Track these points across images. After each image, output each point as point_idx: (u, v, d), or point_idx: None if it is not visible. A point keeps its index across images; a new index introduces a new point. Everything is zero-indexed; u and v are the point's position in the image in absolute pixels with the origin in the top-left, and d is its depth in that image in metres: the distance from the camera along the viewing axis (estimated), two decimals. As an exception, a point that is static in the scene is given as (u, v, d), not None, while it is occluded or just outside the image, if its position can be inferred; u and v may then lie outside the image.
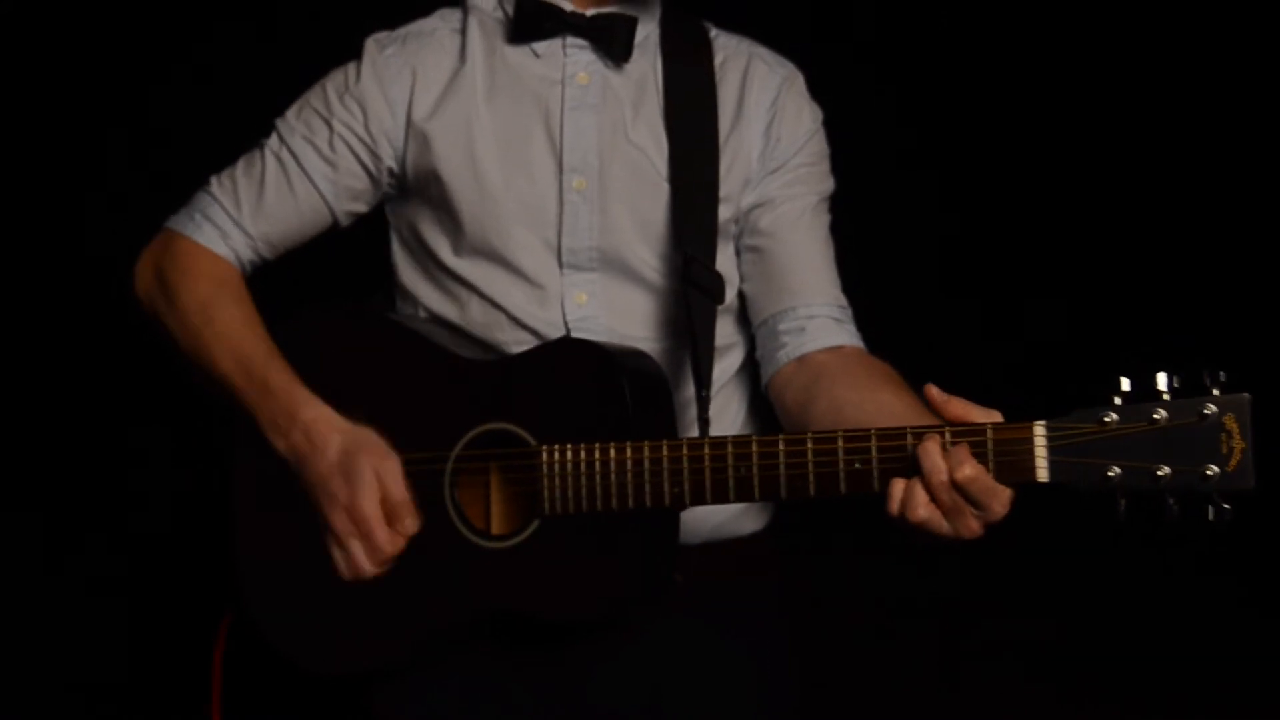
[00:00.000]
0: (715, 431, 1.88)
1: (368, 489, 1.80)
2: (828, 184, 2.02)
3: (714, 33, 2.05)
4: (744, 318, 2.01)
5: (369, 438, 1.82)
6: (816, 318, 1.93)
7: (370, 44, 2.01)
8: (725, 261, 1.97)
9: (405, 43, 2.00)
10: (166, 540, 3.12)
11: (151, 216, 2.07)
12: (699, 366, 1.87)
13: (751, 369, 2.02)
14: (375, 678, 1.92)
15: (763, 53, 2.04)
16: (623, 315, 1.93)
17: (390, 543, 1.81)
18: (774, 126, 1.98)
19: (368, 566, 1.81)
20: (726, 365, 1.98)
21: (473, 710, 1.89)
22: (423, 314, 2.00)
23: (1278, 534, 3.50)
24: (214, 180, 2.01)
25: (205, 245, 1.98)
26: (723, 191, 1.94)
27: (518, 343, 1.92)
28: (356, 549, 1.81)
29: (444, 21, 2.02)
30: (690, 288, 1.89)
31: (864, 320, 1.98)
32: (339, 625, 1.89)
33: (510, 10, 1.99)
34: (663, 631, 1.90)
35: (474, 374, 1.86)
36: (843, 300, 1.97)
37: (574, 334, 1.91)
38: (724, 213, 1.94)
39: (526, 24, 1.96)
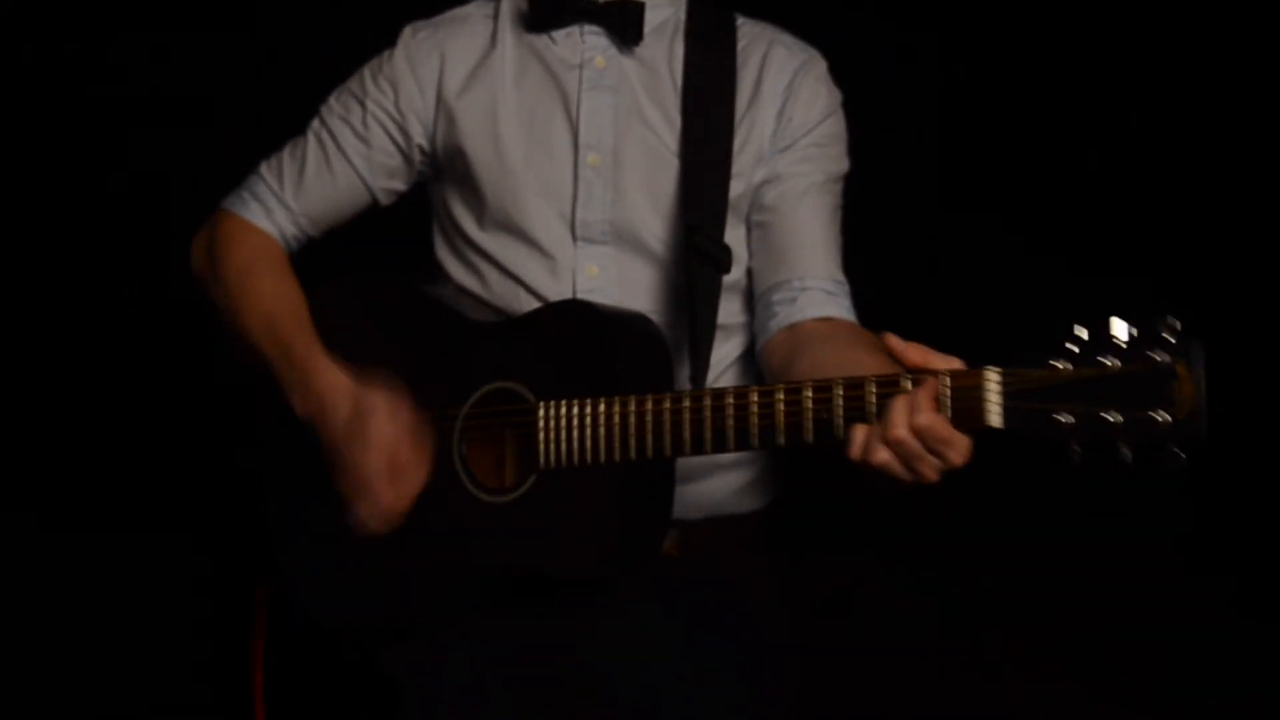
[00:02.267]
0: None
1: (373, 450, 1.88)
2: (840, 165, 2.06)
3: (740, 21, 2.11)
4: (751, 297, 2.06)
5: (377, 400, 1.91)
6: (810, 290, 1.97)
7: (406, 30, 2.13)
8: (737, 239, 2.02)
9: (438, 27, 2.12)
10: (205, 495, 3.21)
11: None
12: (697, 333, 1.93)
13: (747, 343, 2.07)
14: (390, 634, 2.00)
15: (784, 38, 2.10)
16: (630, 289, 2.00)
17: (396, 500, 1.89)
18: (787, 107, 2.03)
19: (374, 524, 1.90)
20: (734, 345, 2.04)
21: (475, 672, 1.95)
22: (451, 288, 2.09)
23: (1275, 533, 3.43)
24: (264, 163, 2.15)
25: (251, 220, 2.11)
26: (735, 168, 2.00)
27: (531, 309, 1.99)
28: (363, 508, 1.90)
29: (478, 9, 2.14)
30: (693, 256, 1.95)
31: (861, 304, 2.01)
32: (357, 580, 1.98)
33: (530, 2, 2.08)
34: (661, 600, 1.95)
35: (483, 336, 1.95)
36: (839, 276, 2.00)
37: None
38: (736, 188, 2.00)
39: (544, 14, 2.06)
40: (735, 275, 2.01)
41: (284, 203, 2.11)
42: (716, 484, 2.00)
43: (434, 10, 2.17)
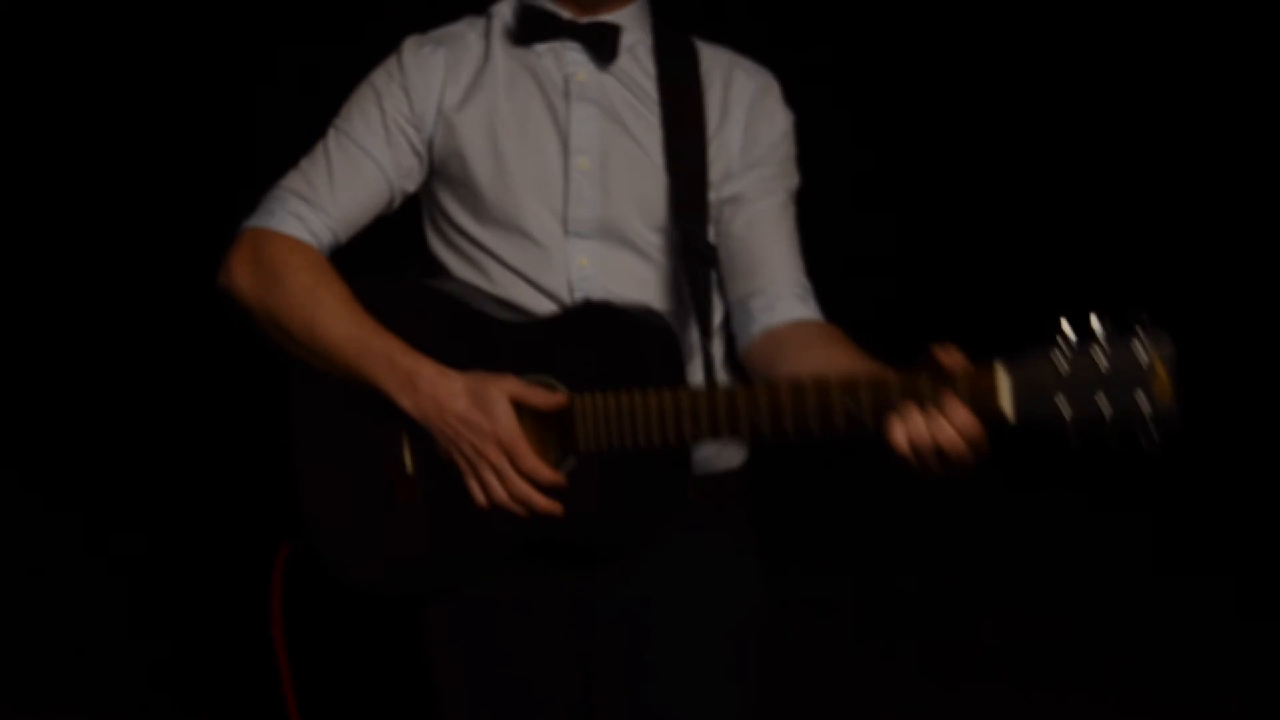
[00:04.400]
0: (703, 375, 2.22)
1: (504, 412, 2.07)
2: (795, 180, 2.34)
3: (699, 44, 2.36)
4: (720, 286, 2.31)
5: (484, 375, 2.10)
6: (783, 297, 2.25)
7: (409, 42, 2.30)
8: (711, 239, 2.29)
9: (440, 43, 2.30)
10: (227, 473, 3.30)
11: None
12: (704, 321, 2.20)
13: (726, 330, 2.33)
14: (422, 597, 2.23)
15: (742, 61, 2.35)
16: (619, 278, 2.24)
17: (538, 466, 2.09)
18: (751, 126, 2.28)
19: (545, 470, 2.08)
20: (713, 323, 2.30)
21: (496, 620, 2.22)
22: (454, 282, 2.29)
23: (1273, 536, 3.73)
24: (281, 182, 2.26)
25: (290, 234, 2.21)
26: (710, 178, 2.26)
27: (532, 300, 2.23)
28: (524, 463, 2.08)
29: (470, 27, 2.33)
30: (692, 257, 2.22)
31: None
32: (390, 546, 2.19)
33: (517, 17, 2.29)
34: (658, 550, 2.21)
35: (513, 335, 2.17)
36: (805, 282, 2.29)
37: (577, 293, 2.22)
38: (709, 197, 2.27)
39: (529, 29, 2.27)
40: None
41: (318, 210, 2.22)
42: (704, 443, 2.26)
43: (420, 25, 2.35)
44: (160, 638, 3.52)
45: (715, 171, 2.26)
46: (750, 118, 2.28)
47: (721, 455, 2.31)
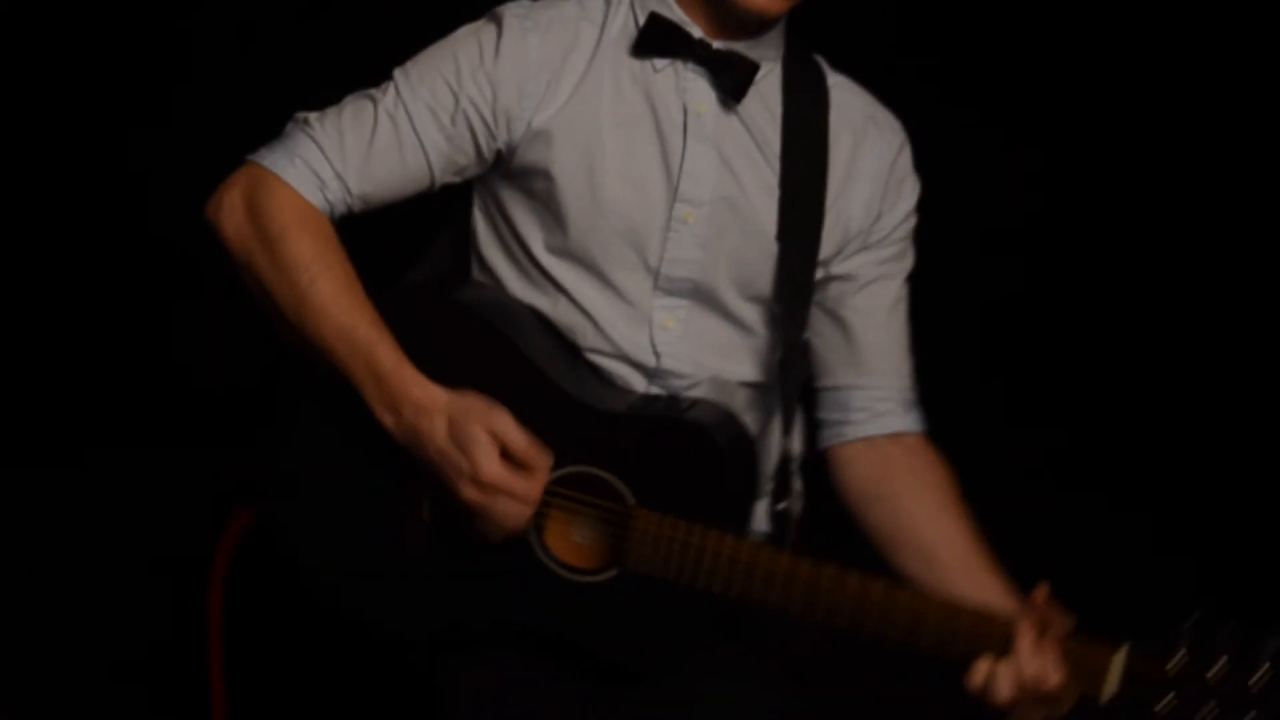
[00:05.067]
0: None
1: (484, 451, 1.81)
2: (911, 261, 2.08)
3: (831, 79, 2.04)
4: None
5: (471, 402, 1.83)
6: (887, 400, 2.04)
7: (511, 19, 1.93)
8: None
9: (548, 29, 1.94)
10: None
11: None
12: (788, 419, 1.97)
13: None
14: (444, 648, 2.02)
15: (878, 114, 2.05)
16: (707, 347, 2.00)
17: (529, 488, 1.83)
18: (878, 203, 2.01)
19: (519, 513, 1.84)
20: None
21: (521, 684, 2.00)
22: (505, 294, 2.01)
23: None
24: (315, 122, 1.93)
25: (303, 194, 1.90)
26: (821, 254, 1.99)
27: (597, 351, 1.98)
28: (501, 506, 1.83)
29: (583, 13, 1.97)
30: (788, 345, 1.97)
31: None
32: (409, 596, 1.97)
33: (640, 21, 1.94)
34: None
35: (574, 413, 1.91)
36: (912, 386, 2.07)
37: (662, 360, 1.98)
38: (817, 272, 2.00)
39: (652, 40, 1.93)
40: None
41: (343, 180, 1.91)
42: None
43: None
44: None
45: (829, 245, 2.00)
46: (877, 189, 2.01)
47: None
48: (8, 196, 3.26)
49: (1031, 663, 1.74)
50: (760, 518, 2.04)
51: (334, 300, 1.86)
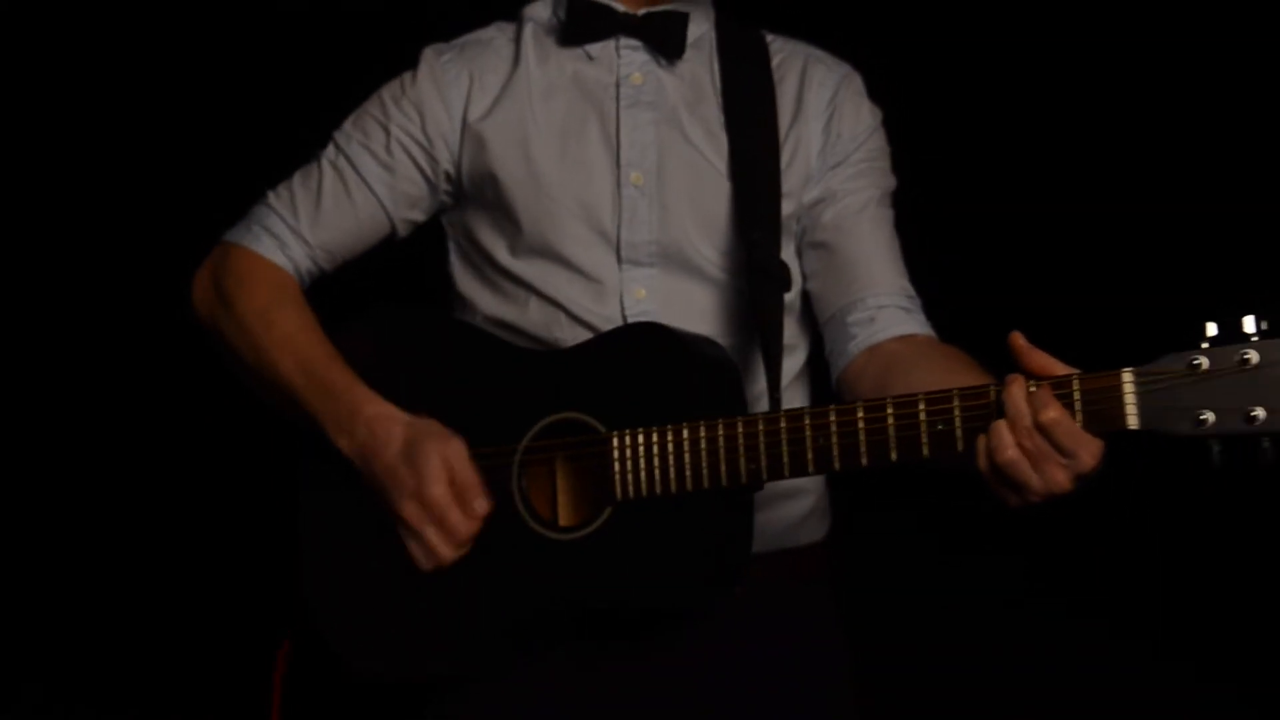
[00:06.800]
0: None
1: (434, 472, 1.78)
2: (889, 180, 2.01)
3: (770, 37, 2.06)
4: (807, 319, 1.99)
5: (431, 426, 1.81)
6: (886, 308, 1.91)
7: (428, 52, 2.03)
8: (788, 258, 1.96)
9: (462, 50, 2.02)
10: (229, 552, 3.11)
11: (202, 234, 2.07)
12: (770, 356, 1.85)
13: (812, 372, 2.00)
14: (435, 685, 1.88)
15: (819, 54, 2.05)
16: (682, 309, 1.91)
17: (464, 524, 1.78)
18: (833, 122, 1.98)
19: (445, 551, 1.79)
20: (789, 366, 1.96)
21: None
22: (479, 319, 1.99)
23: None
24: (271, 193, 2.02)
25: (263, 255, 1.98)
26: (785, 187, 1.94)
27: (576, 339, 1.91)
28: (431, 535, 1.79)
29: (500, 31, 2.05)
30: (756, 275, 1.88)
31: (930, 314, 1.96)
32: (404, 629, 1.85)
33: (563, 14, 2.00)
34: (719, 641, 1.87)
35: (536, 366, 1.85)
36: (910, 290, 1.95)
37: None
38: (786, 208, 1.94)
39: (579, 26, 1.98)
40: (790, 296, 1.94)
41: (300, 235, 1.98)
42: (776, 514, 1.92)
43: (446, 34, 2.08)
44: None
45: (791, 178, 1.94)
46: (831, 113, 1.98)
47: (803, 528, 1.97)
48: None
49: (1025, 407, 1.53)
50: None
51: (290, 339, 1.91)
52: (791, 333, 1.96)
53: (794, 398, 1.97)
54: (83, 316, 3.32)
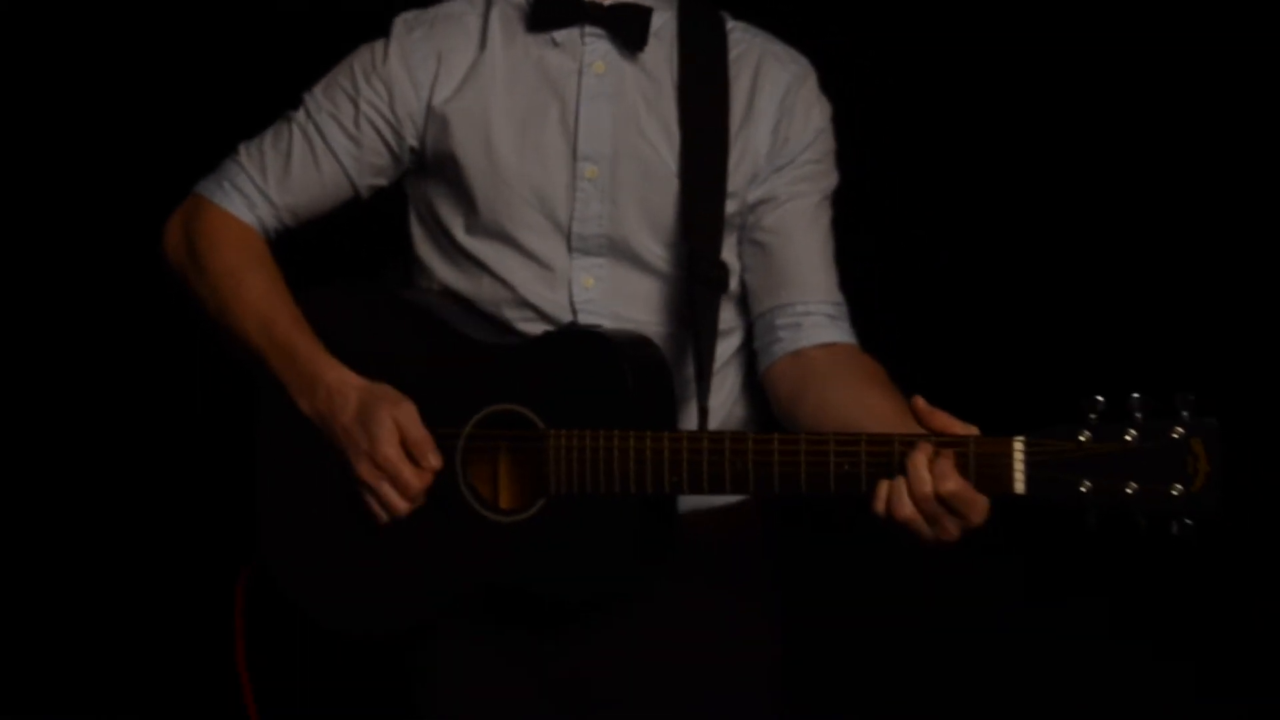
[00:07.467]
0: (711, 411, 1.98)
1: (387, 434, 1.91)
2: (831, 179, 2.09)
3: (730, 25, 2.11)
4: (744, 304, 2.09)
5: (385, 390, 1.94)
6: (812, 314, 2.02)
7: (399, 24, 2.08)
8: (729, 250, 2.05)
9: (433, 25, 2.07)
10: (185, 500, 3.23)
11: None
12: (701, 355, 1.96)
13: (747, 352, 2.11)
14: (396, 637, 2.05)
15: (776, 49, 2.10)
16: (627, 300, 2.02)
17: (417, 477, 1.91)
18: (781, 126, 2.04)
19: (400, 504, 1.92)
20: (725, 347, 2.07)
21: (481, 669, 2.03)
22: (437, 286, 2.10)
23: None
24: (243, 149, 2.10)
25: (232, 213, 2.07)
26: (730, 186, 2.02)
27: (523, 319, 2.02)
28: (386, 490, 1.92)
29: (469, 6, 2.09)
30: (695, 281, 1.98)
31: (856, 316, 2.07)
32: (356, 587, 2.01)
33: (530, 1, 2.05)
34: (655, 596, 1.99)
35: (485, 357, 1.96)
36: (839, 298, 2.05)
37: (580, 316, 2.01)
38: (730, 206, 2.02)
39: (546, 11, 2.03)
40: (731, 287, 2.05)
41: (267, 196, 2.07)
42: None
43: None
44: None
45: (737, 178, 2.02)
46: (780, 114, 2.04)
47: None
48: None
49: (923, 472, 1.66)
50: None
51: (257, 301, 2.01)
52: (728, 317, 2.06)
53: (727, 376, 2.08)
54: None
